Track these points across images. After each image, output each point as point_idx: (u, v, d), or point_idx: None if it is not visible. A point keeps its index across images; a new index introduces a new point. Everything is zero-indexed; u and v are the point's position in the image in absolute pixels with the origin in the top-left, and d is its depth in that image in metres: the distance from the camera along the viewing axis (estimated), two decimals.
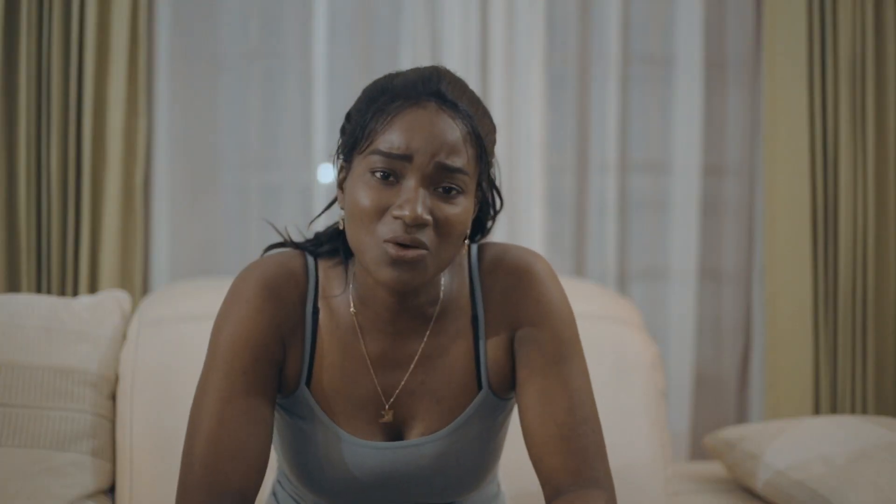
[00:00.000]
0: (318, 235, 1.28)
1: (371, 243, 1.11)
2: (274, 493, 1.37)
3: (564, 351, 1.21)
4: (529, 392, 1.20)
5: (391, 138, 1.11)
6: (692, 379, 2.39)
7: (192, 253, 2.27)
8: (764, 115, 2.31)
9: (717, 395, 2.45)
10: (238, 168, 2.33)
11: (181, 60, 2.24)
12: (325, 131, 2.27)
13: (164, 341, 1.73)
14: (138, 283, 2.14)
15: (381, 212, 1.11)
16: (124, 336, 1.76)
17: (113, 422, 1.70)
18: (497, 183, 1.26)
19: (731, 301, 2.45)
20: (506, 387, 1.25)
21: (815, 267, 2.28)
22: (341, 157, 1.20)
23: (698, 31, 2.36)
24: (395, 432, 1.23)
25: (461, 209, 1.13)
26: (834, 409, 2.29)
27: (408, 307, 1.21)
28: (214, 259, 2.30)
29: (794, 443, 1.75)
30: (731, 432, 1.89)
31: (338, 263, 1.25)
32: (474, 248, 1.28)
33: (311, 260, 1.25)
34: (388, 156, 1.11)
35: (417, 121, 1.11)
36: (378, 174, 1.11)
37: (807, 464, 1.69)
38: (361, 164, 1.13)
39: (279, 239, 1.31)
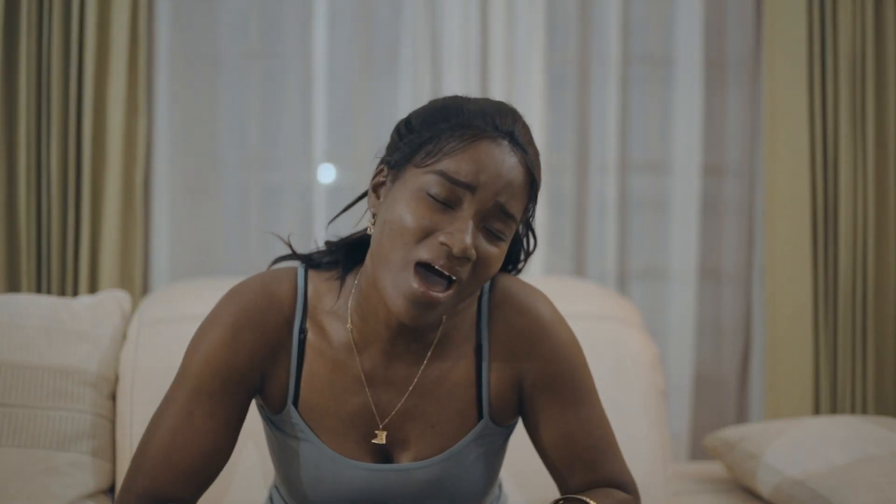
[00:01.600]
0: (328, 244, 1.25)
1: (400, 264, 1.08)
2: (270, 498, 1.36)
3: (581, 395, 1.22)
4: (548, 434, 1.22)
5: (460, 165, 1.07)
6: (692, 379, 2.39)
7: (192, 253, 2.27)
8: (764, 115, 2.31)
9: (717, 395, 2.45)
10: (238, 168, 2.33)
11: (181, 60, 2.24)
12: (325, 131, 2.27)
13: (164, 341, 1.73)
14: (138, 283, 2.14)
15: (425, 233, 1.07)
16: (124, 336, 1.76)
17: (113, 422, 1.70)
18: (532, 223, 1.23)
19: (731, 301, 2.44)
20: (506, 416, 1.24)
21: (815, 267, 2.28)
22: (386, 163, 1.15)
23: (698, 31, 2.36)
24: (384, 453, 1.21)
25: (499, 252, 1.11)
26: (834, 409, 2.29)
27: (409, 328, 1.18)
28: (214, 259, 2.30)
29: (794, 443, 1.75)
30: (731, 432, 1.89)
31: (334, 277, 1.22)
32: None
33: (301, 278, 1.21)
34: (452, 181, 1.07)
35: (491, 154, 1.08)
36: (433, 196, 1.08)
37: (807, 464, 1.69)
38: (417, 178, 1.09)
39: (280, 242, 1.29)
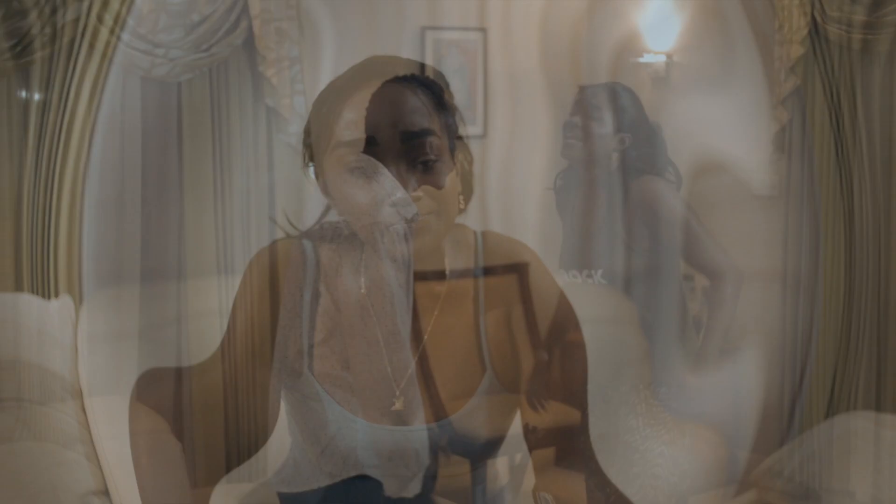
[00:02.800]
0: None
1: (370, 230, 1.14)
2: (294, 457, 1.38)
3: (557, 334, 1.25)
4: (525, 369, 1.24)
5: (347, 120, 1.12)
6: None
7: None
8: None
9: None
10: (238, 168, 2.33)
11: None
12: None
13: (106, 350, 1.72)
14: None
15: (376, 204, 1.13)
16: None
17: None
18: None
19: None
20: (511, 375, 1.26)
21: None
22: (312, 164, 1.21)
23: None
24: (400, 416, 1.24)
25: (445, 176, 1.15)
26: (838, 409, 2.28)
27: (417, 285, 1.21)
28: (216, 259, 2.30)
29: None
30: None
31: (345, 248, 1.26)
32: (479, 233, 1.30)
33: (308, 246, 1.25)
34: (352, 145, 1.12)
35: (364, 99, 1.13)
36: (356, 172, 1.12)
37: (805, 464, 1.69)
38: (331, 160, 1.15)
39: (282, 235, 1.31)
